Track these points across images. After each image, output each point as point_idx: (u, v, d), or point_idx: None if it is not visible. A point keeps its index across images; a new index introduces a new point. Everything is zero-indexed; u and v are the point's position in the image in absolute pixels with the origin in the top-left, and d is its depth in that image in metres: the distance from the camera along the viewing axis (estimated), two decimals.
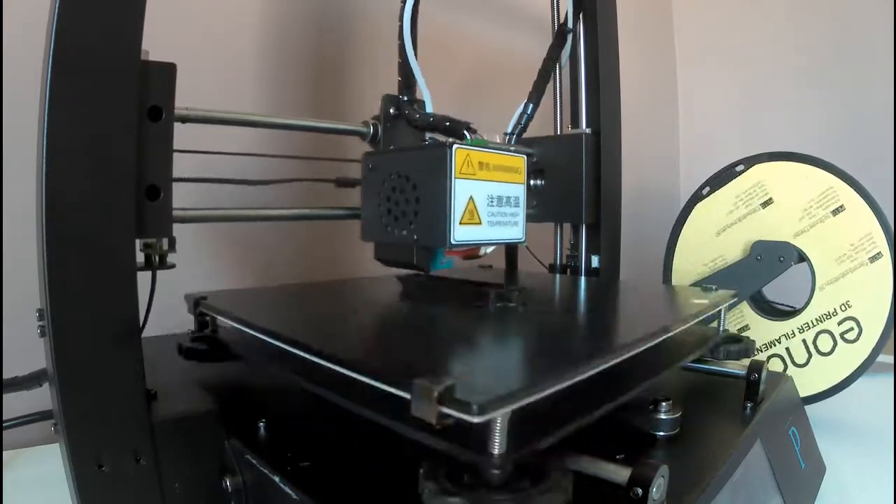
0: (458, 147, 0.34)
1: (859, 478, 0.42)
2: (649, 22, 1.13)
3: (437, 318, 0.37)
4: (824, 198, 0.52)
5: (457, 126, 0.40)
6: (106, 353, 0.29)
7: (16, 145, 0.48)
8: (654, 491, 0.22)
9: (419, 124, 0.43)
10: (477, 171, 0.35)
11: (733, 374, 0.37)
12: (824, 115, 0.95)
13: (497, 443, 0.20)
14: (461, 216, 0.35)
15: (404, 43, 0.44)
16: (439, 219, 0.34)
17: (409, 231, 0.37)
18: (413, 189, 0.36)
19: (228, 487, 0.30)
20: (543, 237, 0.60)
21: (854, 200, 0.51)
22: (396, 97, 0.45)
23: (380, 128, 0.45)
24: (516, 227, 0.39)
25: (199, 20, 0.59)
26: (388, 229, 0.38)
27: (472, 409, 0.18)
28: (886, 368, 0.60)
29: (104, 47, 0.28)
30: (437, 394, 0.19)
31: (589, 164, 0.53)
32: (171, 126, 0.32)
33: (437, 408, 0.19)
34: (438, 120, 0.42)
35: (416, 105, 0.45)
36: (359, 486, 0.26)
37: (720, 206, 0.57)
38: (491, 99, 0.78)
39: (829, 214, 0.51)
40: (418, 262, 0.38)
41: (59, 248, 0.28)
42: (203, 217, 0.37)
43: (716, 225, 0.57)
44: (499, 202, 0.37)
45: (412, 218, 0.36)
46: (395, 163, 0.38)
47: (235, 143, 0.44)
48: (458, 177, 0.34)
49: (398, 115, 0.45)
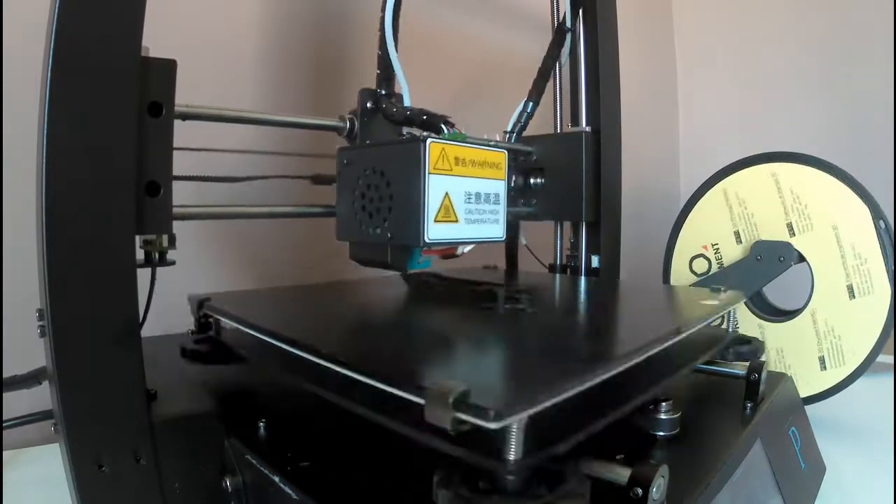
0: (432, 141, 0.33)
1: (859, 478, 0.42)
2: (649, 22, 1.13)
3: (446, 319, 0.37)
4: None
5: (434, 120, 0.38)
6: (106, 353, 0.29)
7: (16, 144, 0.48)
8: (654, 491, 0.22)
9: (396, 118, 0.42)
10: (453, 167, 0.34)
11: (733, 373, 0.37)
12: (825, 115, 0.95)
13: (513, 448, 0.19)
14: (436, 213, 0.33)
15: (384, 34, 0.42)
16: (413, 216, 0.33)
17: (383, 229, 0.35)
18: (387, 185, 0.35)
19: (228, 487, 0.30)
20: (543, 237, 0.60)
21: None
22: (374, 91, 0.44)
23: (356, 122, 0.44)
24: (496, 225, 0.37)
25: (197, 20, 0.59)
26: (362, 227, 0.37)
27: (489, 415, 0.18)
28: (886, 368, 0.60)
29: (105, 42, 0.28)
30: (451, 399, 0.18)
31: (589, 162, 0.53)
32: (171, 122, 0.32)
33: (451, 413, 0.19)
34: (415, 114, 0.40)
35: (394, 99, 0.44)
36: (359, 487, 0.26)
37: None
38: (491, 98, 0.78)
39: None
40: (393, 262, 0.37)
41: (59, 245, 0.27)
42: (199, 214, 0.37)
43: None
44: (477, 199, 0.36)
45: (386, 215, 0.35)
46: (369, 158, 0.36)
47: (228, 141, 0.44)
48: (433, 172, 0.33)
49: (375, 109, 0.43)
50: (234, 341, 0.36)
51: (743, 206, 0.56)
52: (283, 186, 0.48)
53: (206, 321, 0.38)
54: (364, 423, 0.24)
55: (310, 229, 0.67)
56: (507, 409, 0.18)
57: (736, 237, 0.56)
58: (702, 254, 0.58)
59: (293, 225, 0.66)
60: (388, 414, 0.23)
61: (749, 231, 0.55)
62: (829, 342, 0.51)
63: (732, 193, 0.56)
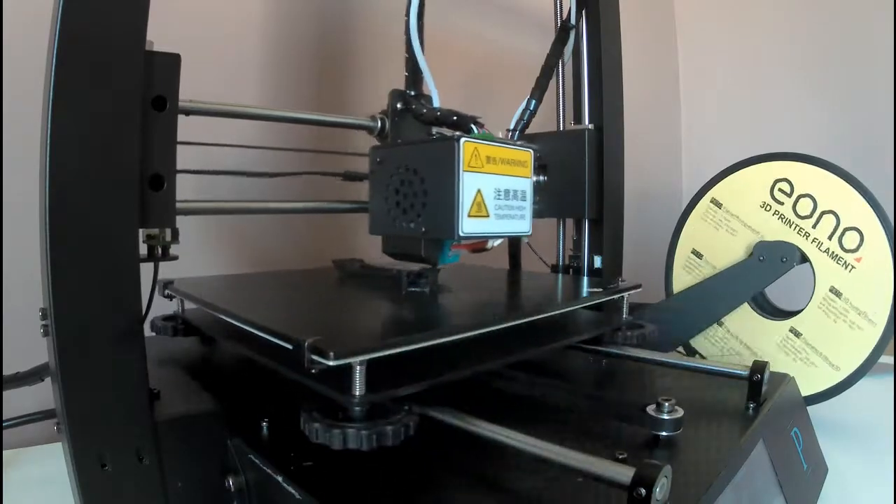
0: (466, 140, 0.35)
1: (862, 478, 0.42)
2: (651, 21, 1.13)
3: (350, 298, 0.41)
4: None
5: (464, 120, 0.40)
6: (109, 351, 0.29)
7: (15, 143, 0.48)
8: (657, 491, 0.22)
9: (426, 118, 0.44)
10: (484, 165, 0.36)
11: (735, 374, 0.37)
12: (826, 115, 0.95)
13: (357, 386, 0.25)
14: (469, 209, 0.35)
15: (410, 38, 0.44)
16: (448, 211, 0.35)
17: (416, 223, 0.37)
18: (421, 182, 0.37)
19: (231, 487, 0.30)
20: (547, 237, 0.60)
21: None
22: (403, 92, 0.46)
23: (387, 122, 0.46)
24: (523, 221, 0.39)
25: (203, 17, 0.59)
26: (395, 222, 0.39)
27: (329, 356, 0.24)
28: (887, 369, 0.60)
29: (109, 36, 0.28)
30: (307, 344, 0.25)
31: (592, 159, 0.53)
32: (175, 116, 0.32)
33: (308, 356, 0.25)
34: (445, 114, 0.42)
35: (422, 100, 0.45)
36: (362, 486, 0.26)
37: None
38: (494, 96, 0.78)
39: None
40: (426, 255, 0.39)
41: (62, 238, 0.27)
42: (205, 209, 0.37)
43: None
44: (506, 195, 0.38)
45: (420, 210, 0.37)
46: (403, 156, 0.38)
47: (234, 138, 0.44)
48: (467, 170, 0.35)
49: (405, 109, 0.45)
50: (194, 318, 0.40)
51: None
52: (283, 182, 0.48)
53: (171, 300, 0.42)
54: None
55: (311, 227, 0.68)
56: (344, 354, 0.24)
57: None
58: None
59: (294, 225, 0.66)
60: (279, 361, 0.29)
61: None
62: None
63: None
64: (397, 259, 0.42)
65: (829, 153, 0.53)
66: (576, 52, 0.56)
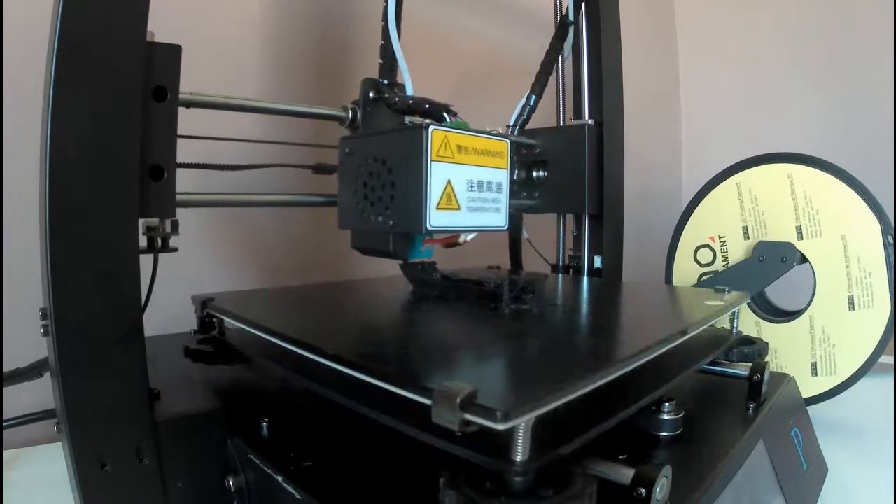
0: (434, 129, 0.33)
1: (862, 478, 0.42)
2: (651, 17, 1.13)
3: (451, 319, 0.37)
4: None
5: (437, 108, 0.38)
6: (109, 350, 0.29)
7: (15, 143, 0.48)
8: (657, 491, 0.22)
9: (398, 107, 0.41)
10: (455, 155, 0.34)
11: (736, 374, 0.37)
12: (826, 115, 0.95)
13: (520, 449, 0.19)
14: (438, 200, 0.33)
15: (387, 24, 0.42)
16: (415, 203, 0.33)
17: (384, 217, 0.35)
18: (389, 173, 0.34)
19: (231, 487, 0.30)
20: (546, 234, 0.60)
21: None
22: (376, 80, 0.43)
23: (359, 112, 0.43)
24: (498, 214, 0.37)
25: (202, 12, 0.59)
26: (364, 215, 0.36)
27: (497, 416, 0.18)
28: (887, 369, 0.60)
29: (110, 26, 0.28)
30: (459, 400, 0.18)
31: (592, 155, 0.53)
32: (175, 107, 0.32)
33: (459, 414, 0.18)
34: (418, 102, 0.40)
35: (396, 88, 0.43)
36: (362, 487, 0.26)
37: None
38: (494, 92, 0.77)
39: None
40: (395, 250, 0.37)
41: (63, 229, 0.27)
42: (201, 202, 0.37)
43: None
44: (479, 187, 0.36)
45: (388, 203, 0.34)
46: (371, 146, 0.36)
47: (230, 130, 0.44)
48: (435, 159, 0.33)
49: (378, 98, 0.43)
50: (238, 341, 0.35)
51: (755, 203, 0.55)
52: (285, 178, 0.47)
53: (210, 321, 0.38)
54: (367, 422, 0.24)
55: (311, 226, 0.67)
56: (515, 410, 0.18)
57: (744, 232, 0.56)
58: (708, 244, 0.57)
59: (294, 222, 0.66)
60: (393, 414, 0.23)
61: (758, 228, 0.55)
62: (823, 349, 0.51)
63: (746, 188, 0.55)
64: (366, 255, 0.40)
65: (830, 153, 0.53)
66: (576, 47, 0.56)
